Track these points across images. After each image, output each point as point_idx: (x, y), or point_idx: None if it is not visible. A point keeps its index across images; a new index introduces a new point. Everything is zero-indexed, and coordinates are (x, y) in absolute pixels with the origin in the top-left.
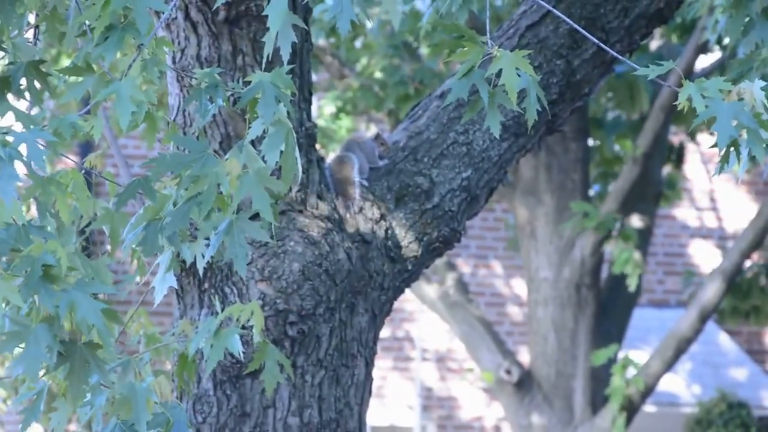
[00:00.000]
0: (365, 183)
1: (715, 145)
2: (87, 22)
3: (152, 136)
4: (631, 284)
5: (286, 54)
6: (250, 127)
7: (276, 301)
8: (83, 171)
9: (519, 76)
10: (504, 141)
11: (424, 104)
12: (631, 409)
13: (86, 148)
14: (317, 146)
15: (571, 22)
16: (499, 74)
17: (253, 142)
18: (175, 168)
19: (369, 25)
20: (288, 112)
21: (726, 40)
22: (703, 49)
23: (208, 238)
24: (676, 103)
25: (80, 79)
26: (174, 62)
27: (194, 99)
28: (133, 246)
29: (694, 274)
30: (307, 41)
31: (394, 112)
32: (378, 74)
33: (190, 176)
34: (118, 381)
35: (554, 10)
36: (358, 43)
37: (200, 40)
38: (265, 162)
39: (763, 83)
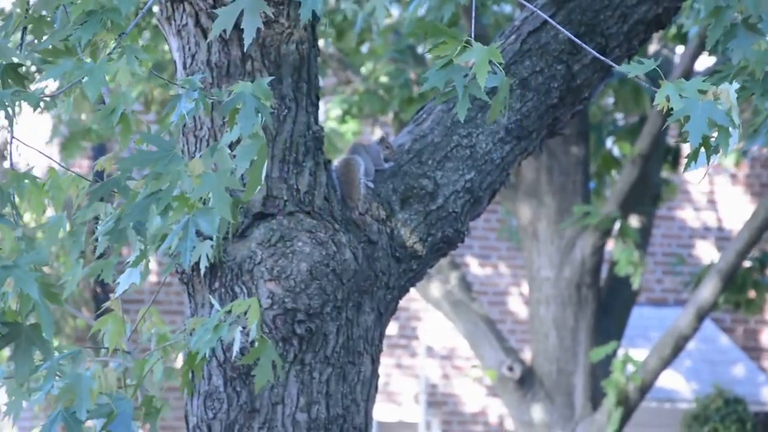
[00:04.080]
0: (371, 185)
1: (686, 141)
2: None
3: (126, 138)
4: (635, 282)
5: (249, 36)
6: (227, 131)
7: (284, 300)
8: (94, 173)
9: (495, 73)
10: (506, 144)
11: (428, 108)
12: (629, 405)
13: (99, 151)
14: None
15: (568, 33)
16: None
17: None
18: (141, 164)
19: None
20: (267, 125)
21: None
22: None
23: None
24: (656, 103)
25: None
26: (185, 67)
27: (173, 104)
28: (102, 235)
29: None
30: (314, 47)
31: (398, 115)
32: (383, 78)
33: (153, 173)
34: (69, 370)
35: (551, 21)
36: (364, 48)
37: (210, 46)
38: (234, 168)
39: (737, 86)
